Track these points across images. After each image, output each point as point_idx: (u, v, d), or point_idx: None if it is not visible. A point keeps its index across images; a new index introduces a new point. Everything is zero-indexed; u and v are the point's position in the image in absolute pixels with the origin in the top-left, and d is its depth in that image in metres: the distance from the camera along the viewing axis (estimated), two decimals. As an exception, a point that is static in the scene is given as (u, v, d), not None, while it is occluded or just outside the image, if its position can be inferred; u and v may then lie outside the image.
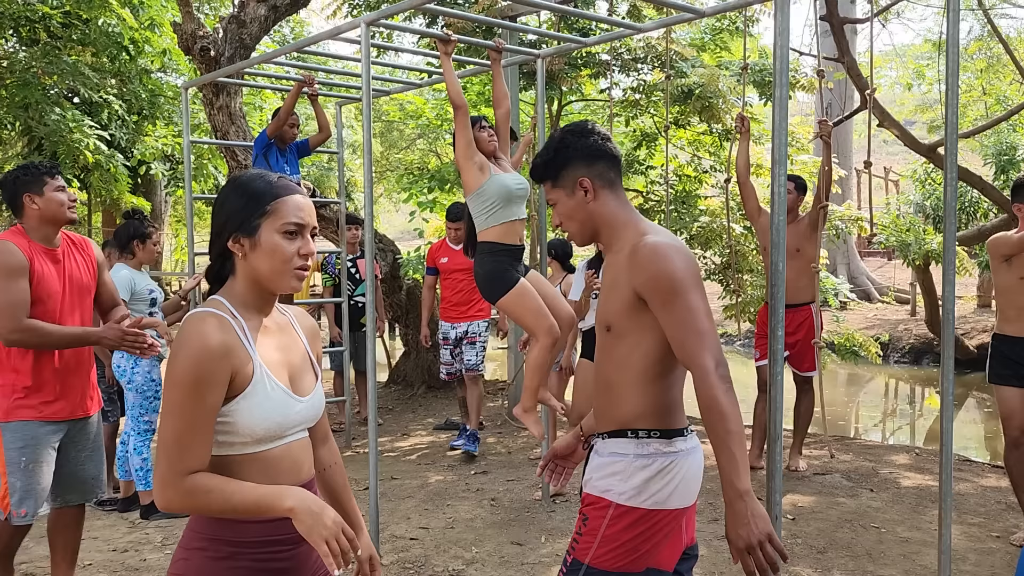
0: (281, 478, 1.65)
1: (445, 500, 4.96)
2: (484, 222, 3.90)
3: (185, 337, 1.56)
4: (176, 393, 1.53)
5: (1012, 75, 12.96)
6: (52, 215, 3.14)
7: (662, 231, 2.00)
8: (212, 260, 1.70)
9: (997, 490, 5.09)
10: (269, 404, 1.63)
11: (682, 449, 2.00)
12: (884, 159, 24.03)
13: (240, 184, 1.68)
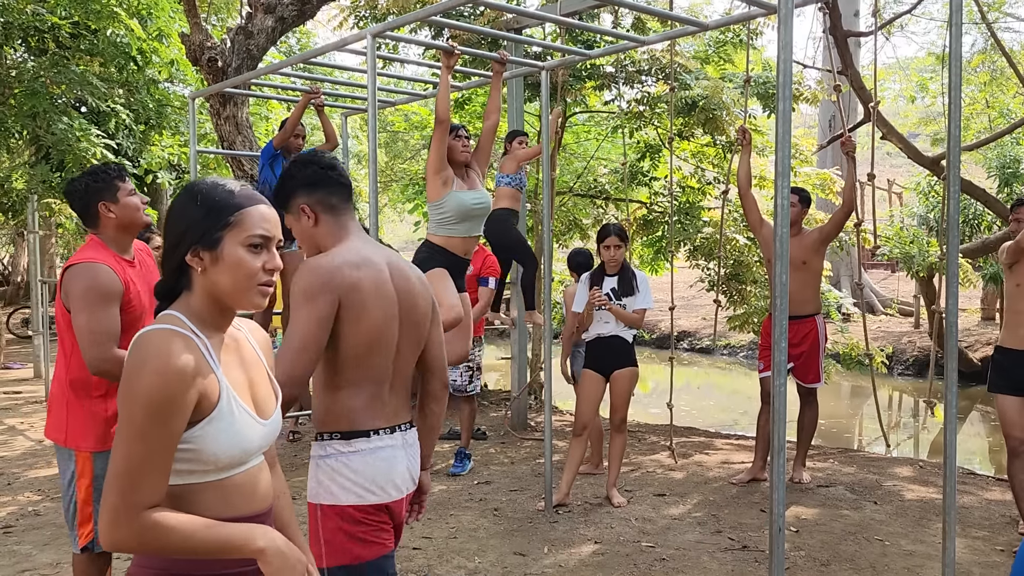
0: (241, 506, 1.54)
1: (448, 510, 4.97)
2: (436, 229, 4.05)
3: (147, 355, 1.40)
4: (136, 417, 1.37)
5: (1015, 88, 12.99)
6: (129, 221, 2.95)
7: (347, 250, 2.11)
8: (166, 275, 1.56)
9: (1001, 503, 5.08)
10: (234, 429, 1.50)
11: (361, 449, 2.10)
12: (888, 171, 24.04)
13: (199, 193, 1.53)
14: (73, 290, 2.75)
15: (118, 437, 1.40)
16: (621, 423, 4.94)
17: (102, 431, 2.89)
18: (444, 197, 3.96)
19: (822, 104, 12.29)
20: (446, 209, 3.97)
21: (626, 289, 4.82)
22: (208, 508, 1.49)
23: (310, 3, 6.96)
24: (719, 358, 15.11)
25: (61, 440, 2.94)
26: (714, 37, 8.86)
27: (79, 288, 2.74)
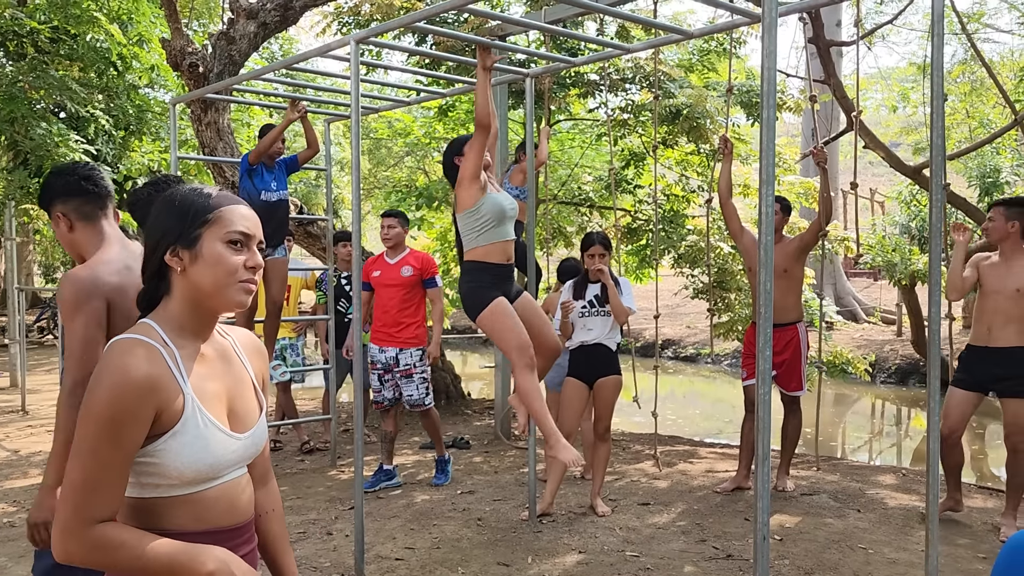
0: (215, 519, 1.51)
1: (431, 520, 4.92)
2: (474, 240, 3.85)
3: (105, 367, 1.39)
4: (90, 430, 1.36)
5: (995, 99, 13.13)
6: None
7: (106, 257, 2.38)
8: (145, 281, 1.54)
9: (984, 511, 5.09)
10: (200, 443, 1.46)
11: None
12: (870, 180, 24.25)
13: (175, 197, 1.53)
14: None
15: (73, 449, 1.38)
16: (605, 432, 4.91)
17: None
18: (480, 201, 3.77)
19: (805, 113, 12.37)
20: (483, 212, 3.78)
21: (608, 296, 4.81)
22: (177, 521, 1.47)
23: (292, 9, 6.92)
24: (703, 366, 15.14)
25: None
26: (698, 46, 8.90)
27: None
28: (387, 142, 12.53)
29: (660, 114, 7.58)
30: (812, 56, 6.68)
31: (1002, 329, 4.53)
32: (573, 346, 4.92)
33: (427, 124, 10.68)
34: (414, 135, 10.72)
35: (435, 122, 10.33)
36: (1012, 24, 15.20)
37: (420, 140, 10.87)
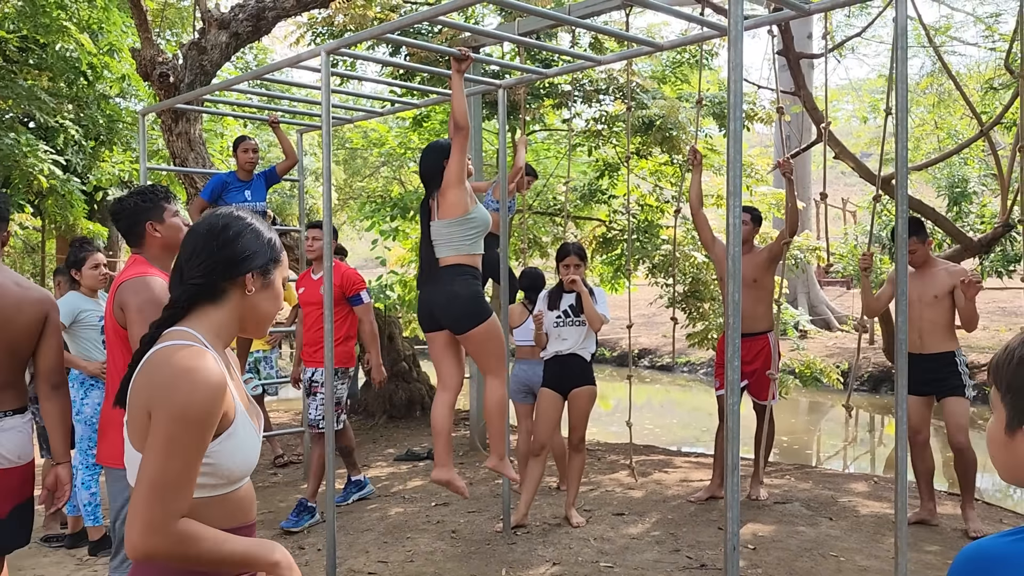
0: (239, 517, 1.59)
1: (404, 533, 4.88)
2: (467, 247, 3.79)
3: (184, 372, 1.45)
4: (182, 431, 1.42)
5: (962, 110, 13.36)
6: (173, 241, 2.96)
7: None
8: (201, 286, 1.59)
9: (954, 517, 5.14)
10: (248, 443, 1.58)
11: None
12: (841, 190, 24.55)
13: (252, 224, 1.67)
14: (130, 303, 2.76)
15: (155, 450, 1.43)
16: (580, 442, 4.91)
17: None
18: (474, 210, 3.74)
19: (778, 124, 12.50)
20: (477, 222, 3.76)
21: (583, 306, 4.82)
22: (212, 521, 1.52)
23: (265, 19, 6.89)
24: (679, 375, 15.20)
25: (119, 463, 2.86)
26: (671, 57, 8.98)
27: (137, 301, 2.75)
28: (362, 152, 12.49)
29: (633, 125, 7.63)
30: (783, 68, 6.75)
31: (931, 335, 4.86)
32: (548, 356, 4.92)
33: (402, 134, 10.66)
34: (389, 145, 10.69)
35: (410, 132, 10.32)
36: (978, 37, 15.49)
37: (395, 150, 10.85)
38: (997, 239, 7.61)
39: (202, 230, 1.64)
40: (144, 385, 1.49)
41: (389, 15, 6.90)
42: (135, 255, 2.97)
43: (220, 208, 1.76)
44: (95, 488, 4.55)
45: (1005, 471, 1.13)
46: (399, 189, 12.23)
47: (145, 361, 1.52)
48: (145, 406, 1.47)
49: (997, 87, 10.23)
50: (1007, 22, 13.40)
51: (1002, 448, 1.12)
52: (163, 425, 1.43)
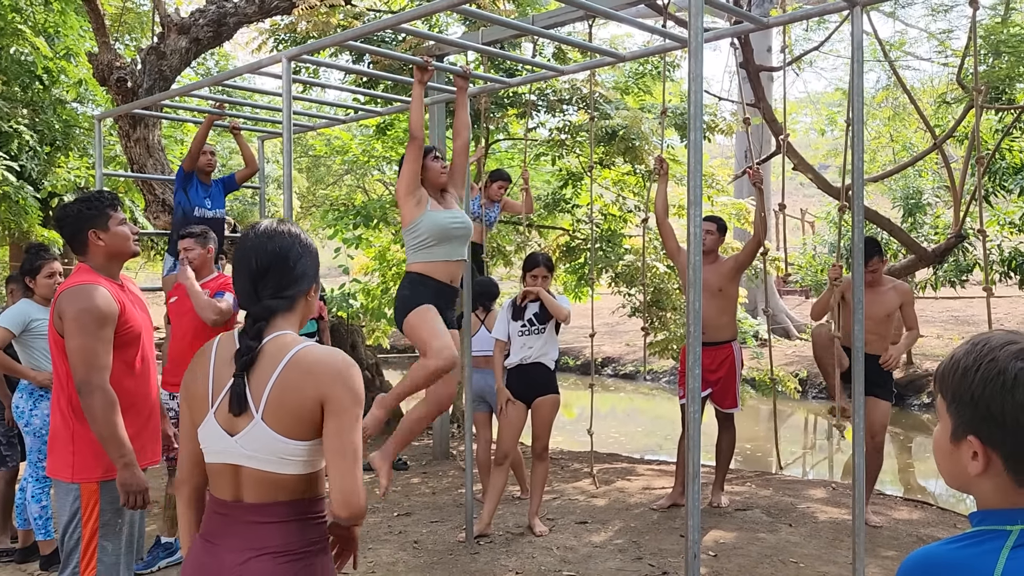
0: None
1: (365, 544, 4.83)
2: (413, 255, 3.82)
3: (347, 359, 1.76)
4: (357, 410, 1.73)
5: (917, 123, 13.67)
6: (118, 251, 2.91)
7: None
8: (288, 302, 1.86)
9: (909, 523, 5.23)
10: None
11: None
12: (801, 201, 24.96)
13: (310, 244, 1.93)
14: (67, 312, 2.70)
15: (350, 428, 1.71)
16: (543, 451, 4.90)
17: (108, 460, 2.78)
18: (418, 218, 3.74)
19: (738, 135, 12.70)
20: (421, 231, 3.75)
21: (547, 315, 4.82)
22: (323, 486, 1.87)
23: (226, 25, 6.82)
24: (643, 383, 15.29)
25: (67, 475, 2.81)
26: (634, 69, 9.06)
27: (74, 310, 2.70)
28: (326, 160, 12.41)
29: (596, 135, 7.68)
30: (744, 80, 6.86)
31: (872, 345, 4.93)
32: (511, 364, 4.91)
33: (365, 142, 10.62)
34: (353, 153, 10.63)
35: (374, 140, 10.27)
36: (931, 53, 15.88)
37: (359, 158, 10.79)
38: (950, 249, 7.79)
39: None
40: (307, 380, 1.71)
41: (352, 22, 6.86)
42: (80, 263, 2.91)
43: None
44: (46, 501, 4.43)
45: (950, 478, 1.15)
46: (362, 197, 12.17)
47: (294, 360, 1.73)
48: (316, 397, 1.70)
49: (950, 101, 10.48)
50: (959, 38, 13.75)
51: (947, 456, 1.14)
52: (353, 407, 1.72)
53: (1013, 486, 1.07)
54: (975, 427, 1.08)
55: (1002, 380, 1.05)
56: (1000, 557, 1.04)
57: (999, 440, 1.06)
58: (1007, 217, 9.59)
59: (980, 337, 1.12)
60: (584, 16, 5.49)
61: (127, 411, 2.79)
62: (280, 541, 1.71)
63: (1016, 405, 1.04)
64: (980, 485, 1.10)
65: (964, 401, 1.09)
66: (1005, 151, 8.97)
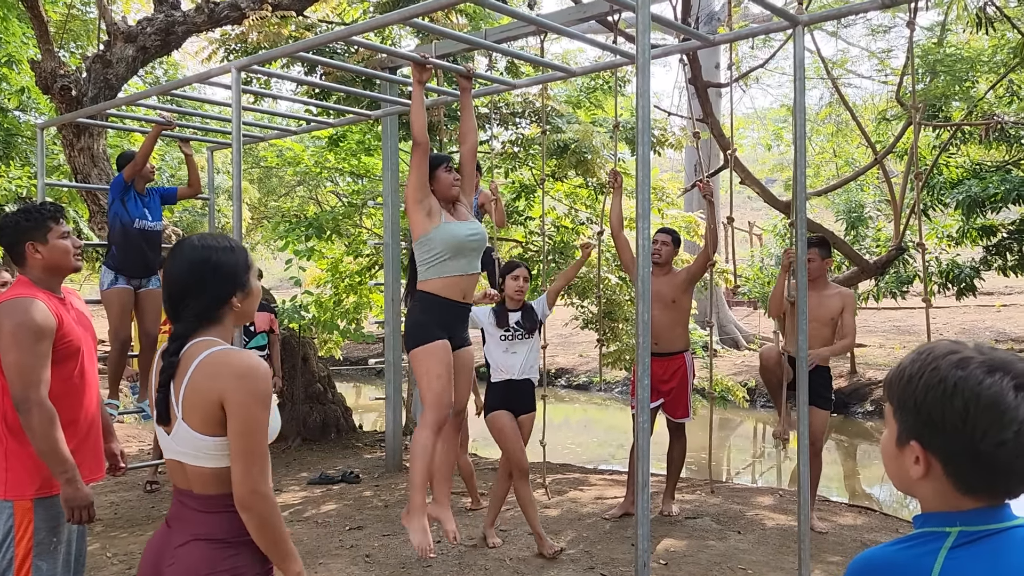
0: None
1: (316, 558, 4.78)
2: (425, 272, 3.59)
3: (254, 363, 1.85)
4: (260, 412, 1.82)
5: (858, 139, 14.07)
6: (56, 265, 2.84)
7: None
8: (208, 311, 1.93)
9: (854, 528, 5.36)
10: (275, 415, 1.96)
11: None
12: (748, 214, 25.42)
13: (226, 247, 1.97)
14: (3, 326, 2.64)
15: (252, 430, 1.82)
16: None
17: (47, 474, 2.70)
18: (432, 231, 3.50)
19: (688, 149, 12.91)
20: (435, 244, 3.52)
21: (534, 322, 4.78)
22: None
23: (175, 34, 6.73)
24: (596, 394, 15.40)
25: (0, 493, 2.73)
26: (585, 83, 9.18)
27: (10, 324, 2.64)
28: (277, 171, 12.29)
29: (548, 148, 7.75)
30: (693, 96, 7.00)
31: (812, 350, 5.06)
32: (498, 380, 4.72)
33: (318, 153, 10.55)
34: (305, 164, 10.55)
35: (327, 152, 10.21)
36: (872, 71, 16.40)
37: (311, 170, 10.71)
38: (891, 261, 8.04)
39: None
40: (210, 382, 1.82)
41: (304, 33, 6.83)
42: (20, 275, 2.87)
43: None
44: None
45: (896, 481, 1.20)
46: (315, 209, 12.07)
47: (202, 364, 1.83)
48: (217, 399, 1.81)
49: (890, 118, 10.83)
50: (898, 57, 14.23)
51: (893, 460, 1.18)
52: (253, 410, 1.81)
53: (952, 490, 1.11)
54: (917, 432, 1.13)
55: (942, 388, 1.09)
56: (938, 558, 1.09)
57: (939, 445, 1.11)
58: (945, 231, 9.91)
59: (926, 347, 1.17)
60: (536, 31, 5.55)
61: (66, 427, 2.73)
62: (214, 529, 1.87)
63: (954, 412, 1.08)
64: (922, 488, 1.15)
65: (908, 407, 1.14)
66: (942, 167, 9.29)
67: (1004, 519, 1.11)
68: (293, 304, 8.74)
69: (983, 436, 1.06)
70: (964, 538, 1.10)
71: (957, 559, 1.08)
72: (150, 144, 5.23)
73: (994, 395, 1.06)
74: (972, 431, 1.07)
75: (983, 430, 1.06)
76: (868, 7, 3.55)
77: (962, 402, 1.07)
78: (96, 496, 6.39)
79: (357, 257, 10.30)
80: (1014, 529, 1.10)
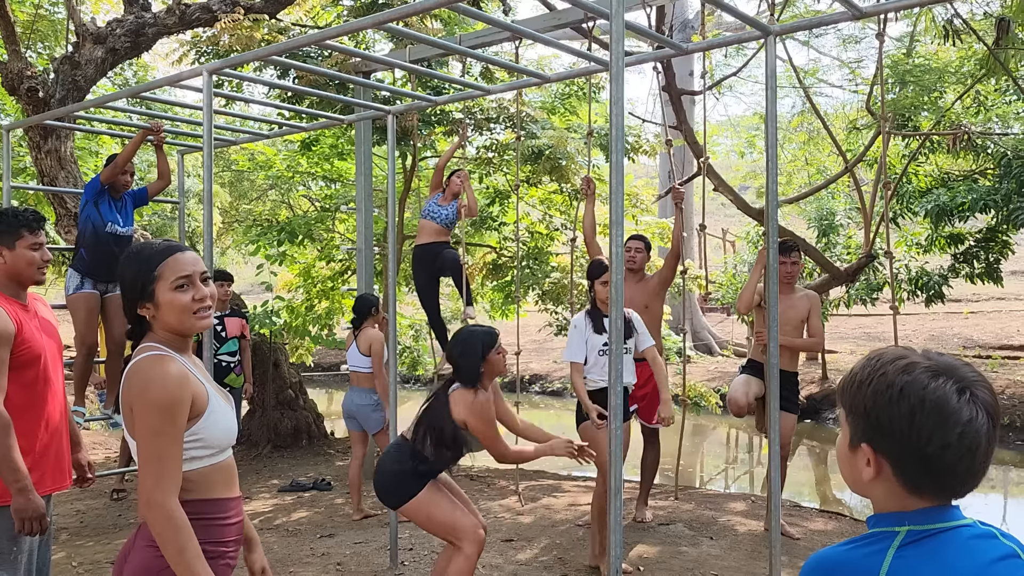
0: (232, 487, 2.00)
1: (287, 567, 4.72)
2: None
3: (151, 373, 1.84)
4: (155, 418, 1.80)
5: (830, 147, 14.24)
6: (17, 273, 2.78)
7: None
8: (131, 322, 1.98)
9: (824, 533, 5.40)
10: (225, 415, 1.98)
11: None
12: (721, 221, 25.63)
13: (129, 258, 1.97)
14: None
15: (142, 436, 1.82)
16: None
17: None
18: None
19: (661, 156, 12.99)
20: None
21: (631, 329, 4.53)
22: (216, 487, 1.94)
23: (145, 35, 6.65)
24: (570, 400, 15.40)
25: None
26: (559, 89, 9.20)
27: None
28: (249, 175, 12.18)
29: (523, 154, 7.75)
30: (666, 103, 7.03)
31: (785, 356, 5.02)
32: (595, 387, 4.47)
33: (290, 157, 10.47)
34: (277, 168, 10.47)
35: (299, 156, 10.14)
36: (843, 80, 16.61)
37: (283, 174, 10.62)
38: (861, 269, 8.12)
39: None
40: (124, 389, 1.88)
41: (277, 37, 6.78)
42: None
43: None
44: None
45: (850, 483, 1.23)
46: (287, 213, 11.98)
47: (126, 372, 1.89)
48: (128, 404, 1.86)
49: (860, 127, 10.96)
50: (868, 67, 14.42)
51: (846, 462, 1.22)
52: (143, 417, 1.82)
53: (902, 490, 1.15)
54: (868, 436, 1.16)
55: (890, 393, 1.13)
56: (887, 556, 1.13)
57: (887, 448, 1.14)
58: (914, 238, 10.04)
59: (876, 352, 1.21)
60: (511, 37, 5.56)
61: (26, 434, 2.67)
62: (150, 532, 1.88)
63: (900, 416, 1.11)
64: (874, 489, 1.19)
65: (858, 412, 1.17)
66: (912, 175, 9.42)
67: (951, 519, 1.14)
68: (264, 309, 8.66)
69: (928, 439, 1.10)
70: (912, 536, 1.13)
71: (905, 557, 1.12)
72: (132, 149, 5.16)
73: (938, 399, 1.10)
74: (918, 434, 1.10)
75: (928, 433, 1.10)
76: (838, 18, 3.59)
77: (908, 406, 1.11)
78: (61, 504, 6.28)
79: (329, 262, 10.24)
80: (960, 528, 1.14)
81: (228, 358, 6.58)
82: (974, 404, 1.10)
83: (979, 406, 1.10)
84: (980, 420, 1.10)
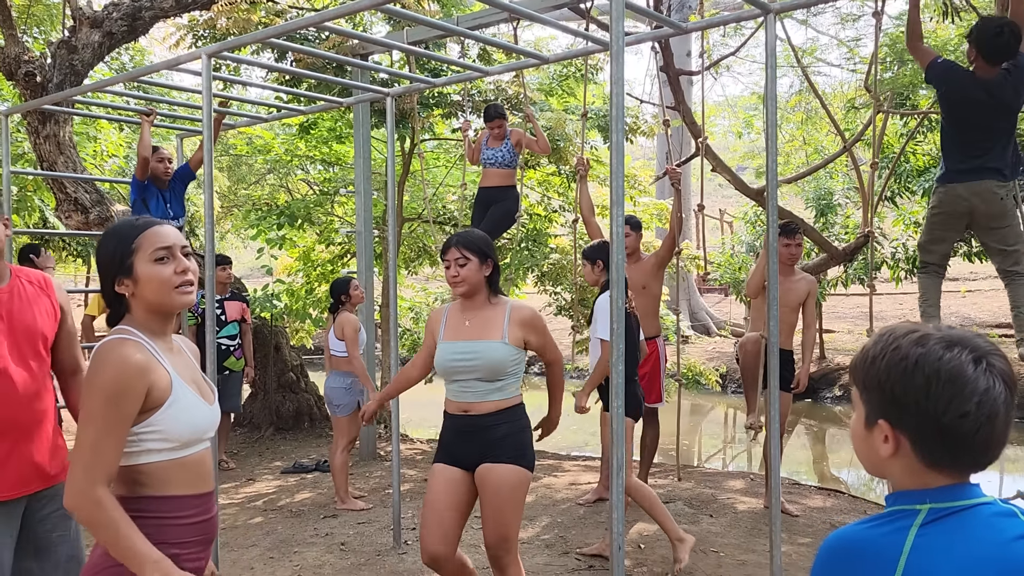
0: (197, 484, 1.88)
1: (291, 547, 4.77)
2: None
3: (106, 357, 1.76)
4: (96, 403, 1.72)
5: (828, 127, 14.22)
6: None
7: None
8: (109, 304, 1.91)
9: (823, 510, 5.46)
10: (189, 410, 1.86)
11: None
12: (719, 202, 25.60)
13: (107, 234, 1.91)
14: None
15: (82, 421, 1.75)
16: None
17: None
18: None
19: (659, 137, 12.96)
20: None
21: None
22: (174, 484, 1.84)
23: (141, 19, 6.62)
24: (570, 381, 15.46)
25: None
26: (557, 71, 9.17)
27: None
28: (247, 159, 12.15)
29: (522, 136, 7.72)
30: (664, 84, 7.02)
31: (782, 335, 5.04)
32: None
33: (288, 141, 10.44)
34: (275, 152, 10.44)
35: (298, 140, 10.11)
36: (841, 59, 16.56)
37: (282, 158, 10.60)
38: (860, 248, 8.13)
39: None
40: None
41: (274, 19, 6.76)
42: None
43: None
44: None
45: (867, 463, 1.23)
46: (286, 197, 11.97)
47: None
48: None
49: (858, 106, 10.95)
50: (866, 46, 14.38)
51: (862, 442, 1.22)
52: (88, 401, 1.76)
53: (921, 466, 1.15)
54: (884, 411, 1.16)
55: (904, 365, 1.13)
56: (909, 534, 1.12)
57: (904, 422, 1.14)
58: (912, 217, 10.05)
59: (887, 328, 1.21)
60: (509, 18, 5.54)
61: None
62: None
63: (916, 388, 1.11)
64: (892, 467, 1.18)
65: (873, 388, 1.17)
66: (909, 154, 9.41)
67: (971, 496, 1.14)
68: (265, 293, 8.68)
69: (946, 409, 1.10)
70: (934, 515, 1.13)
71: (927, 535, 1.12)
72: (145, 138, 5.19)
73: (954, 369, 1.10)
74: (935, 405, 1.10)
75: (946, 403, 1.10)
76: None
77: (923, 377, 1.11)
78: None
79: (329, 245, 10.24)
80: (980, 506, 1.14)
81: (228, 341, 6.61)
82: (991, 373, 1.10)
83: (996, 375, 1.10)
84: (998, 389, 1.10)
